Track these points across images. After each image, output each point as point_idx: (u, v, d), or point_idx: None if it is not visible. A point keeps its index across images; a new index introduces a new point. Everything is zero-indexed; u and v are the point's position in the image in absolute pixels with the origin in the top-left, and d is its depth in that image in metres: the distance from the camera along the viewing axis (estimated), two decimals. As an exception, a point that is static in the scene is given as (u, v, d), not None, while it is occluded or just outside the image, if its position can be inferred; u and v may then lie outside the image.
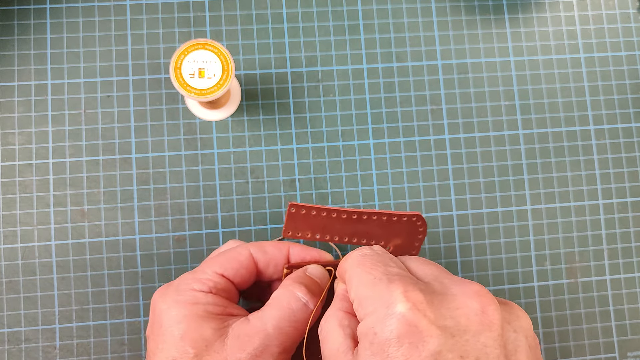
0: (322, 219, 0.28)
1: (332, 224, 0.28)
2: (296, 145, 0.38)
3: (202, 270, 0.27)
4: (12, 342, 0.35)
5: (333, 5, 0.39)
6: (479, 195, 0.38)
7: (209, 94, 0.32)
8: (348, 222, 0.28)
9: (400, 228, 0.29)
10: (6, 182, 0.36)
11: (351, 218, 0.28)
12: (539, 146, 0.39)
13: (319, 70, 0.39)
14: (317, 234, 0.28)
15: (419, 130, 0.39)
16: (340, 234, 0.28)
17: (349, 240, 0.29)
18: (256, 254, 0.29)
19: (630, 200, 0.39)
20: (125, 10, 0.38)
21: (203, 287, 0.26)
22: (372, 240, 0.29)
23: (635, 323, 0.38)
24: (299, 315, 0.26)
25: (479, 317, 0.21)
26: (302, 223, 0.28)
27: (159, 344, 0.25)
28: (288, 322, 0.26)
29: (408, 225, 0.29)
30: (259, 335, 0.25)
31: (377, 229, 0.28)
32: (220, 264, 0.28)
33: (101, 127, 0.37)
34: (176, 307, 0.25)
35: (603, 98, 0.40)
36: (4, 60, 0.37)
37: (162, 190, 0.37)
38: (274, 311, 0.26)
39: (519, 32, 0.40)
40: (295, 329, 0.26)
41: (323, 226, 0.28)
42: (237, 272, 0.28)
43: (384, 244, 0.29)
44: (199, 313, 0.25)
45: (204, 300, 0.26)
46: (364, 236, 0.29)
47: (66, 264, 0.36)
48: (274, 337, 0.25)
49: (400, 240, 0.29)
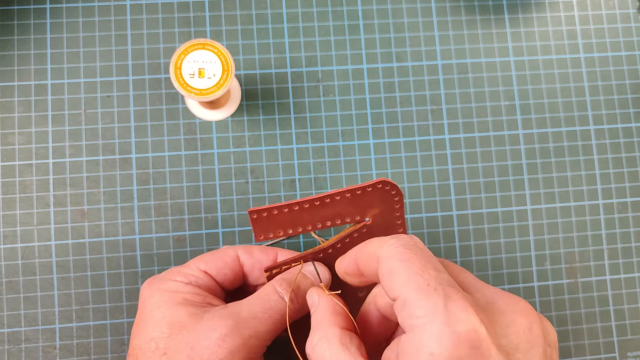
0: (287, 215, 0.27)
1: (299, 216, 0.28)
2: (296, 145, 0.38)
3: (187, 266, 0.29)
4: (12, 342, 0.35)
5: (333, 5, 0.39)
6: (479, 195, 0.38)
7: (209, 94, 0.32)
8: (314, 209, 0.27)
9: (372, 199, 0.28)
10: (6, 182, 0.36)
11: (314, 205, 0.27)
12: (539, 146, 0.39)
13: (319, 70, 0.39)
14: (288, 229, 0.28)
15: (419, 130, 0.39)
16: (312, 222, 0.28)
17: (322, 226, 0.28)
18: (242, 256, 0.30)
19: (630, 200, 0.39)
20: (125, 10, 0.38)
21: (184, 279, 0.28)
22: (347, 218, 0.28)
23: (635, 323, 0.38)
24: (275, 305, 0.26)
25: (527, 334, 0.21)
26: (269, 224, 0.28)
27: (141, 327, 0.26)
28: (262, 309, 0.26)
29: (380, 194, 0.27)
30: (232, 317, 0.25)
31: (347, 207, 0.28)
32: (205, 261, 0.29)
33: (101, 127, 0.37)
34: (158, 294, 0.27)
35: (603, 98, 0.40)
36: (4, 60, 0.37)
37: (162, 190, 0.37)
38: (251, 299, 0.27)
39: (519, 32, 0.40)
40: (269, 317, 0.26)
41: (291, 221, 0.28)
42: (221, 270, 0.29)
43: (360, 218, 0.28)
44: (177, 300, 0.27)
45: (184, 289, 0.27)
46: (337, 217, 0.28)
47: (66, 264, 0.36)
48: (246, 321, 0.26)
49: (378, 209, 0.28)
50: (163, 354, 0.25)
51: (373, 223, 0.28)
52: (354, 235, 0.28)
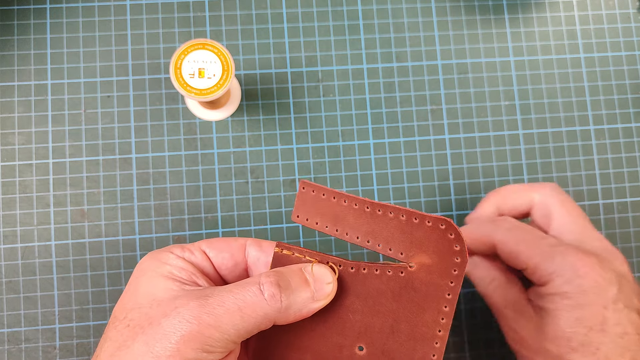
0: (333, 206, 0.24)
1: (344, 214, 0.24)
2: (296, 145, 0.38)
3: (192, 243, 0.28)
4: (12, 342, 0.35)
5: (333, 5, 0.39)
6: (479, 196, 0.38)
7: (209, 94, 0.32)
8: (361, 215, 0.24)
9: (425, 238, 0.23)
10: (6, 182, 0.36)
11: (364, 210, 0.24)
12: (539, 146, 0.39)
13: (319, 70, 0.39)
14: (326, 224, 0.25)
15: (419, 130, 0.39)
16: (352, 229, 0.24)
17: (361, 240, 0.24)
18: (249, 247, 0.27)
19: (630, 200, 0.39)
20: (125, 10, 0.38)
21: (179, 252, 0.27)
22: (389, 247, 0.24)
23: (635, 323, 0.38)
24: (249, 297, 0.23)
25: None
26: (312, 207, 0.25)
27: (123, 294, 0.26)
28: (233, 297, 0.23)
29: (435, 235, 0.23)
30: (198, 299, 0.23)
31: (396, 233, 0.24)
32: (210, 242, 0.28)
33: (101, 127, 0.37)
34: (148, 260, 0.26)
35: (603, 98, 0.40)
36: (4, 60, 0.37)
37: (162, 190, 0.37)
38: (230, 285, 0.24)
39: (519, 32, 0.40)
40: (238, 308, 0.23)
41: (334, 215, 0.25)
42: (220, 253, 0.27)
43: (404, 256, 0.24)
44: (162, 271, 0.25)
45: (173, 262, 0.26)
46: (379, 239, 0.24)
47: (66, 264, 0.36)
48: (210, 306, 0.23)
49: (429, 259, 0.23)
50: (127, 325, 0.24)
51: (416, 274, 0.24)
52: (388, 272, 0.24)
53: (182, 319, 0.23)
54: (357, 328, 0.25)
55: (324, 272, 0.25)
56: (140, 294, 0.25)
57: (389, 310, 0.24)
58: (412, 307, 0.24)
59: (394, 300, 0.24)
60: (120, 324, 0.24)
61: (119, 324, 0.24)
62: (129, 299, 0.25)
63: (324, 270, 0.25)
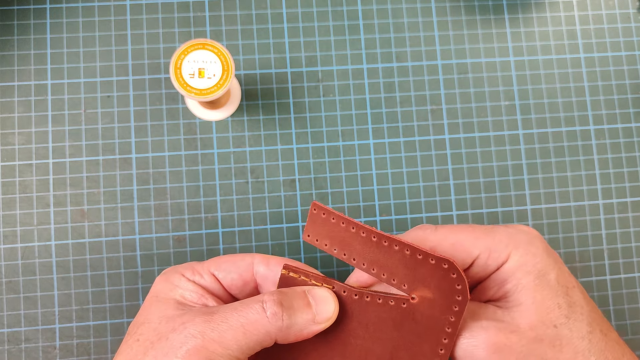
0: (342, 231, 0.25)
1: (351, 240, 0.25)
2: (296, 145, 0.38)
3: (202, 264, 0.28)
4: (12, 342, 0.35)
5: (333, 5, 0.39)
6: (479, 195, 0.38)
7: (209, 94, 0.32)
8: (368, 244, 0.25)
9: (428, 275, 0.24)
10: (6, 182, 0.36)
11: (371, 239, 0.25)
12: (539, 146, 0.39)
13: (319, 70, 0.39)
14: (334, 247, 0.26)
15: (419, 130, 0.39)
16: (358, 256, 0.25)
17: (366, 268, 0.25)
18: (257, 265, 0.28)
19: (630, 200, 0.39)
20: (125, 10, 0.38)
21: (190, 276, 0.28)
22: (393, 278, 0.25)
23: (635, 323, 0.38)
24: (252, 315, 0.24)
25: None
26: (322, 228, 0.26)
27: (138, 313, 0.27)
28: (237, 314, 0.24)
29: (438, 273, 0.24)
30: (204, 316, 0.24)
31: (400, 267, 0.24)
32: (218, 264, 0.28)
33: (101, 127, 0.37)
34: (161, 283, 0.27)
35: (603, 98, 0.40)
36: (4, 60, 0.37)
37: (162, 190, 0.37)
38: (235, 303, 0.25)
39: (519, 32, 0.40)
40: (241, 325, 0.24)
41: (342, 239, 0.25)
42: (228, 274, 0.28)
43: (407, 288, 0.25)
44: (173, 295, 0.27)
45: (184, 286, 0.27)
46: (384, 270, 0.25)
47: (66, 264, 0.36)
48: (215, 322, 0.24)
49: (431, 294, 0.24)
50: (136, 340, 0.25)
51: (417, 306, 0.25)
52: (390, 302, 0.25)
53: (188, 333, 0.24)
54: (358, 352, 0.26)
55: (327, 296, 0.26)
56: (151, 312, 0.26)
57: (390, 338, 0.25)
58: (412, 337, 0.25)
59: (394, 329, 0.25)
60: (130, 338, 0.25)
61: (129, 338, 0.25)
62: (140, 315, 0.26)
63: (327, 295, 0.26)
